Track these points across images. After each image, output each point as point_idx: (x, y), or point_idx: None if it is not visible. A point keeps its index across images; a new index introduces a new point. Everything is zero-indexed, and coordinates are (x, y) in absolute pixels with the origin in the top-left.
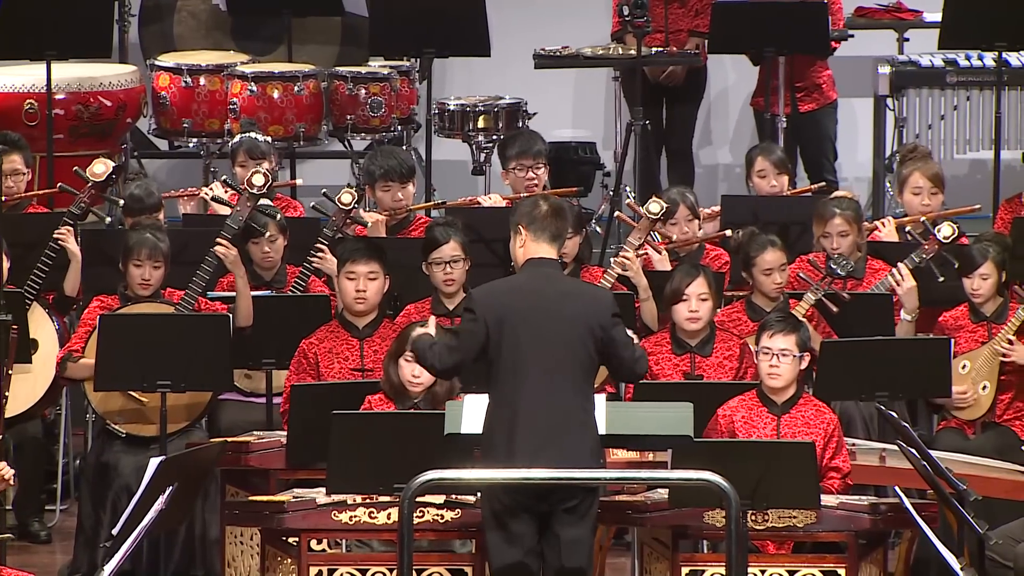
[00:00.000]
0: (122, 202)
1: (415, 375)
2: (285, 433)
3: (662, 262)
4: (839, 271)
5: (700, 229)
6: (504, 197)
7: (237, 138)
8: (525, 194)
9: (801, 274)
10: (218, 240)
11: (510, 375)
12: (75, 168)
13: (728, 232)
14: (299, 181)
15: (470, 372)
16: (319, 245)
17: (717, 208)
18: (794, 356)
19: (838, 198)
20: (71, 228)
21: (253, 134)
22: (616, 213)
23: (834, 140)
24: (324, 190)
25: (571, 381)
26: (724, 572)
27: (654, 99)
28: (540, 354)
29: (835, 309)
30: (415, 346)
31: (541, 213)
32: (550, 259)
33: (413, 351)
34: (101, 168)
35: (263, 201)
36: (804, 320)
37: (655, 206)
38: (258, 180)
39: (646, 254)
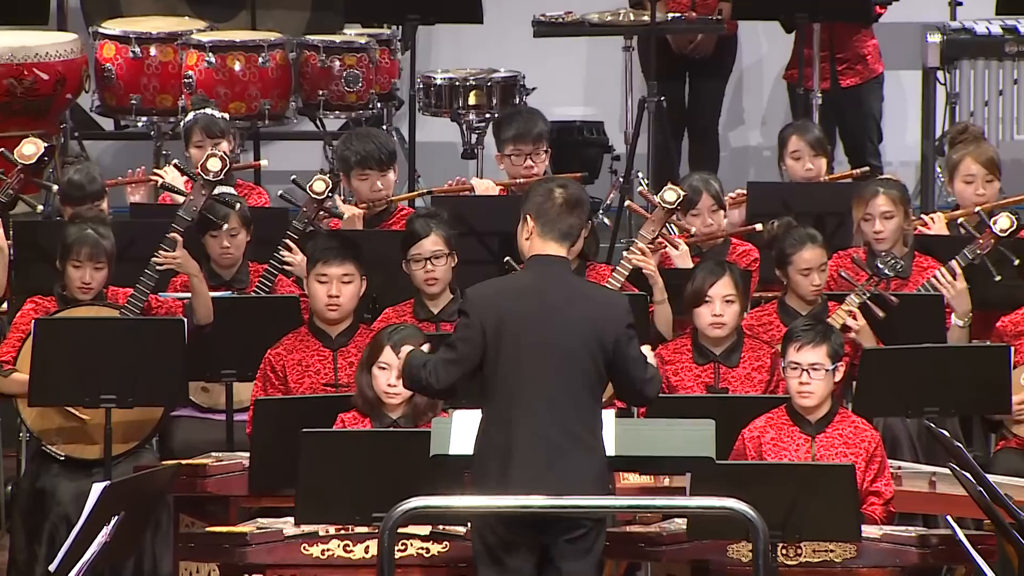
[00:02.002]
0: (57, 188)
1: (391, 384)
2: (248, 455)
3: (683, 258)
4: (886, 271)
5: (726, 220)
6: (498, 183)
7: (190, 115)
8: (522, 180)
9: (843, 273)
10: (161, 245)
11: (507, 390)
12: (2, 150)
13: (758, 227)
14: (264, 163)
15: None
16: (287, 240)
17: (742, 191)
18: (826, 370)
19: (882, 178)
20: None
21: (208, 110)
22: (627, 203)
23: (879, 119)
24: (294, 176)
25: (576, 397)
26: None
27: (675, 73)
28: (542, 366)
29: (882, 314)
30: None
31: (553, 206)
32: (558, 257)
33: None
34: (31, 149)
35: (223, 188)
36: (853, 322)
37: (671, 195)
38: (214, 165)
39: (664, 248)
